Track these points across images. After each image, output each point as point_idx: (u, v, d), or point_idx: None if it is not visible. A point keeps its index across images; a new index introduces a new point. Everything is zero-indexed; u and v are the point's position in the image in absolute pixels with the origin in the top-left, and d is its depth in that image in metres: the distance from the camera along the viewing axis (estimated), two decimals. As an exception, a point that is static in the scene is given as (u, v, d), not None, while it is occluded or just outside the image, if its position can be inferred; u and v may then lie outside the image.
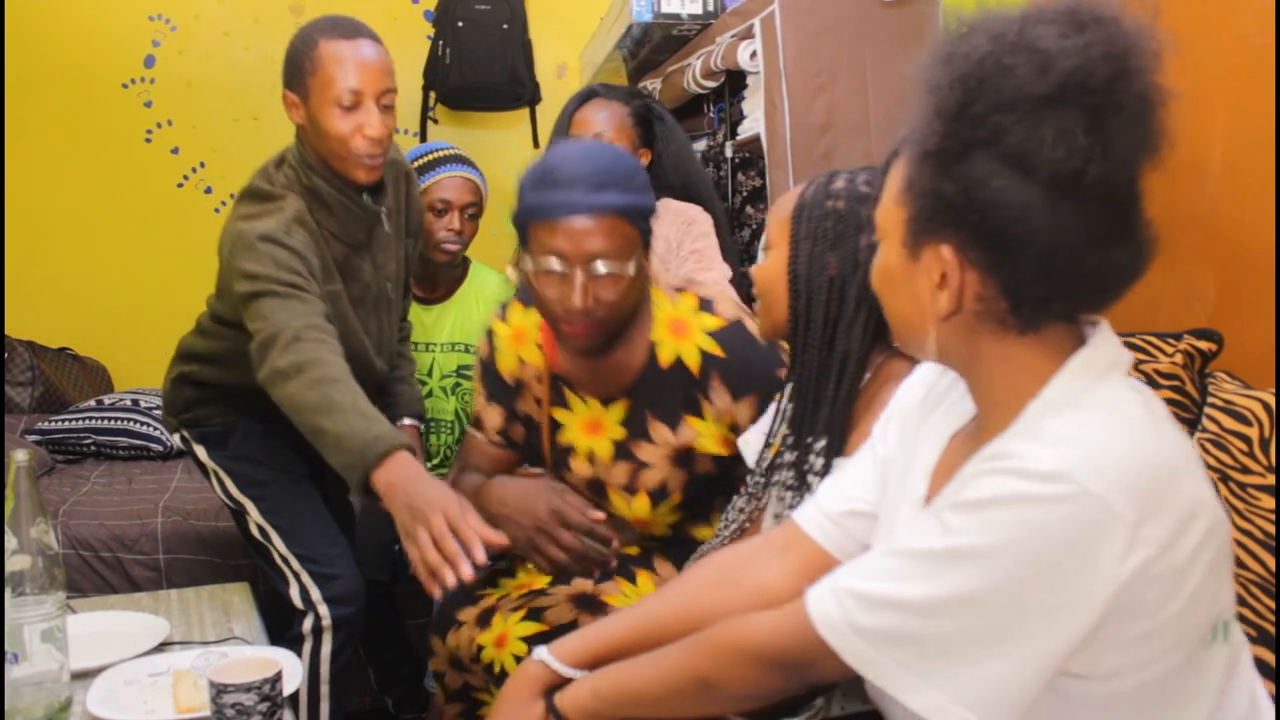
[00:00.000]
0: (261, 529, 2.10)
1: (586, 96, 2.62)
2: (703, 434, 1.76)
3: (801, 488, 1.45)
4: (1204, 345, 1.62)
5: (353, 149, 1.91)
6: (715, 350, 1.73)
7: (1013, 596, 0.90)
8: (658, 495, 1.79)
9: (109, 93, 4.07)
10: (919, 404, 1.22)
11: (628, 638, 1.26)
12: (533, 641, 1.62)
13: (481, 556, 1.47)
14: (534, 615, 1.73)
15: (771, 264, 1.50)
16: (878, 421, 1.27)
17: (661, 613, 1.28)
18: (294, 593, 2.06)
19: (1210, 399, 1.57)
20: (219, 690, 1.31)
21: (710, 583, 1.29)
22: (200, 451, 2.18)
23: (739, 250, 3.19)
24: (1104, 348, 1.00)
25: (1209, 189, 1.79)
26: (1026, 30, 0.91)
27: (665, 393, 1.76)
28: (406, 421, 2.40)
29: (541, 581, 1.82)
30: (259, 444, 2.15)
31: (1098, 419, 0.93)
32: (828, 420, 1.44)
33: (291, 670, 1.55)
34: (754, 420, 1.69)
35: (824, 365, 1.45)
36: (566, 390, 1.83)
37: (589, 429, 1.82)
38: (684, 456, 1.78)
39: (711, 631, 1.12)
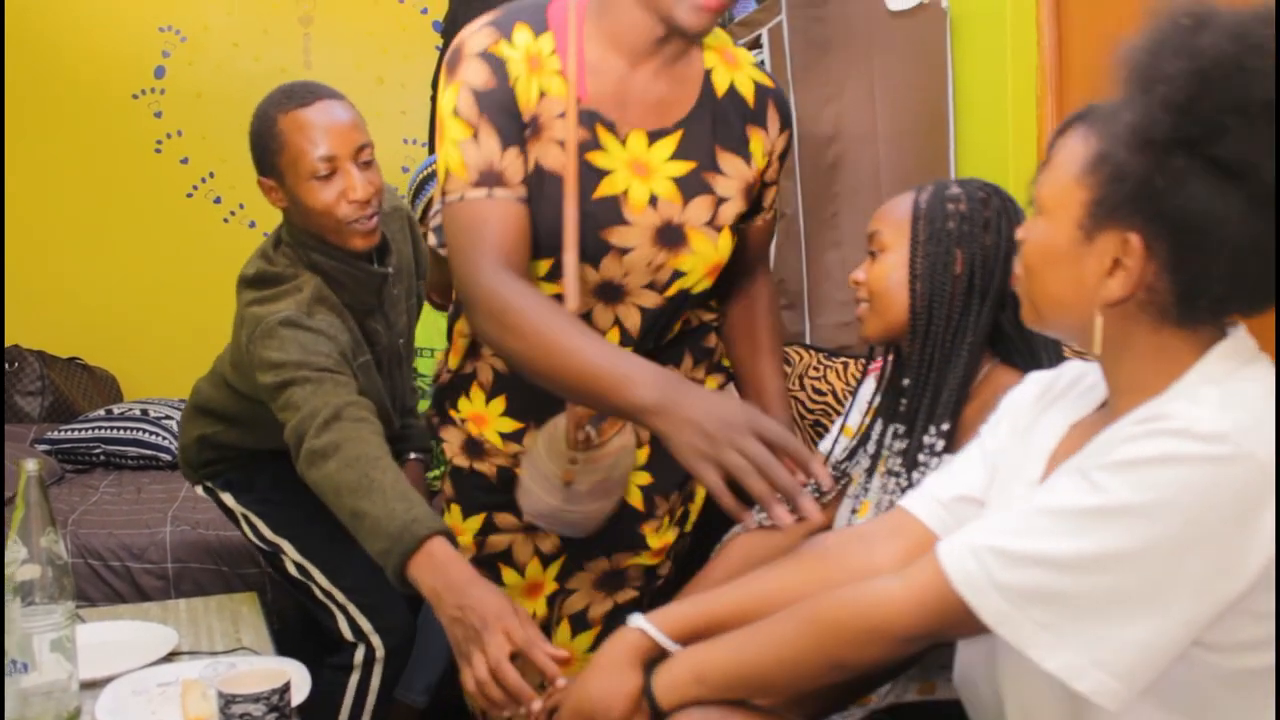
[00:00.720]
0: (301, 567, 2.01)
1: None
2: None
3: (911, 472, 1.46)
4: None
5: (341, 217, 1.77)
6: (765, 81, 1.62)
7: (1168, 558, 0.89)
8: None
9: (119, 103, 4.09)
10: (1034, 402, 1.22)
11: (733, 614, 1.20)
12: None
13: (541, 704, 1.28)
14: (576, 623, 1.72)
15: (886, 266, 1.52)
16: (986, 423, 1.27)
17: (768, 591, 1.22)
18: (343, 626, 1.98)
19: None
20: (227, 701, 1.31)
21: (819, 563, 1.24)
22: (227, 499, 2.09)
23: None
24: (1246, 339, 1.01)
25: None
26: (1267, 37, 0.90)
27: (726, 122, 1.57)
28: (412, 456, 2.38)
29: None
30: (286, 483, 1.87)
31: (1254, 388, 0.94)
32: (946, 406, 1.46)
33: (300, 681, 1.55)
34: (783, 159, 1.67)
35: (946, 358, 1.47)
36: (600, 129, 1.49)
37: (636, 171, 1.51)
38: (755, 195, 1.62)
39: (830, 608, 1.08)
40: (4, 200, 3.82)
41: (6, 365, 3.71)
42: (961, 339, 1.47)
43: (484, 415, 1.66)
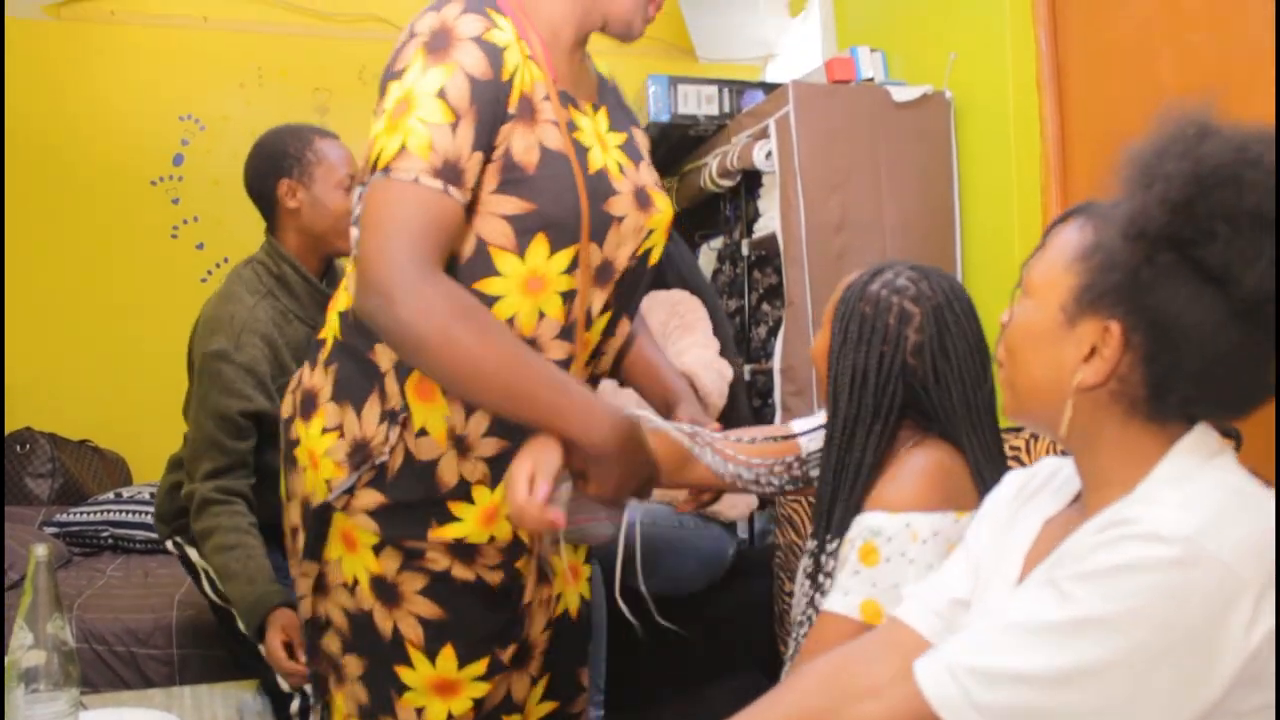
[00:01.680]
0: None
1: None
2: None
3: (816, 581, 1.46)
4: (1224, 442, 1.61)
5: (349, 223, 1.91)
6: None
7: (1141, 667, 0.89)
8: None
9: (138, 189, 4.16)
10: (1011, 499, 1.22)
11: None
12: None
13: None
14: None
15: (817, 343, 1.57)
16: (970, 525, 1.28)
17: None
18: (280, 679, 2.04)
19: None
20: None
21: (821, 688, 1.20)
22: (192, 553, 2.24)
23: (756, 347, 3.21)
24: (1210, 433, 1.02)
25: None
26: (1268, 152, 0.93)
27: (618, 100, 1.64)
28: None
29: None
30: None
31: (1216, 490, 0.94)
32: (839, 523, 1.44)
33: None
34: None
35: (841, 465, 1.46)
36: (572, 108, 1.47)
37: (601, 145, 1.50)
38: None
39: None
40: (3, 279, 3.87)
41: (19, 448, 3.73)
42: (854, 447, 1.46)
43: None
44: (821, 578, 1.45)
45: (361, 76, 4.36)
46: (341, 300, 1.49)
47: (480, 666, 1.49)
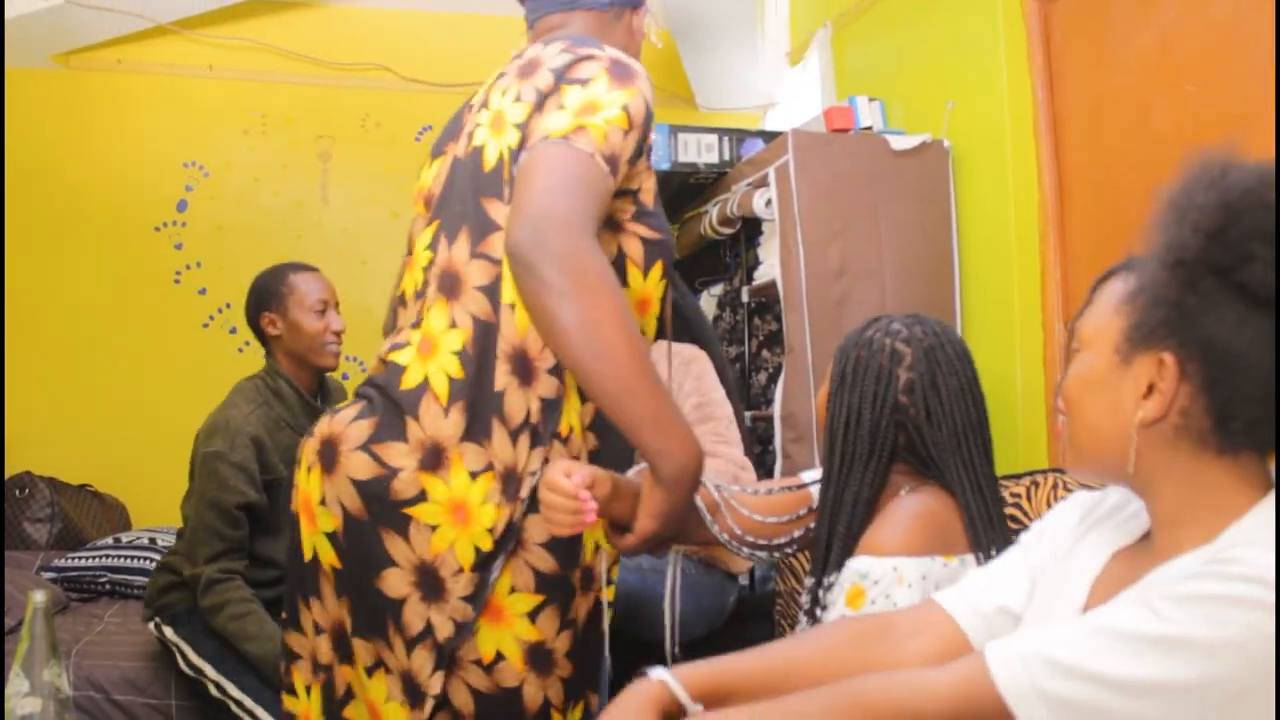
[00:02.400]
0: (219, 685, 2.38)
1: None
2: None
3: (815, 617, 1.50)
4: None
5: (324, 341, 2.57)
6: None
7: (1225, 698, 0.89)
8: None
9: (142, 235, 4.19)
10: (1076, 524, 1.22)
11: (759, 679, 1.18)
12: None
13: None
14: None
15: (821, 395, 1.63)
16: (1029, 531, 1.27)
17: (797, 659, 1.21)
18: None
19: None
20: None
21: (850, 642, 1.23)
22: (169, 632, 2.50)
23: (756, 393, 3.22)
24: None
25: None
26: None
27: None
28: None
29: None
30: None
31: None
32: (838, 557, 1.49)
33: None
34: None
35: (838, 502, 1.51)
36: None
37: None
38: None
39: (866, 692, 1.06)
40: (5, 322, 3.89)
41: (18, 492, 3.72)
42: (849, 485, 1.51)
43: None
44: (819, 612, 1.48)
45: (364, 124, 4.41)
46: (449, 339, 1.44)
47: (579, 710, 1.52)
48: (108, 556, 3.47)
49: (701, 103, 4.41)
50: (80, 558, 3.49)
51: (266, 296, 2.59)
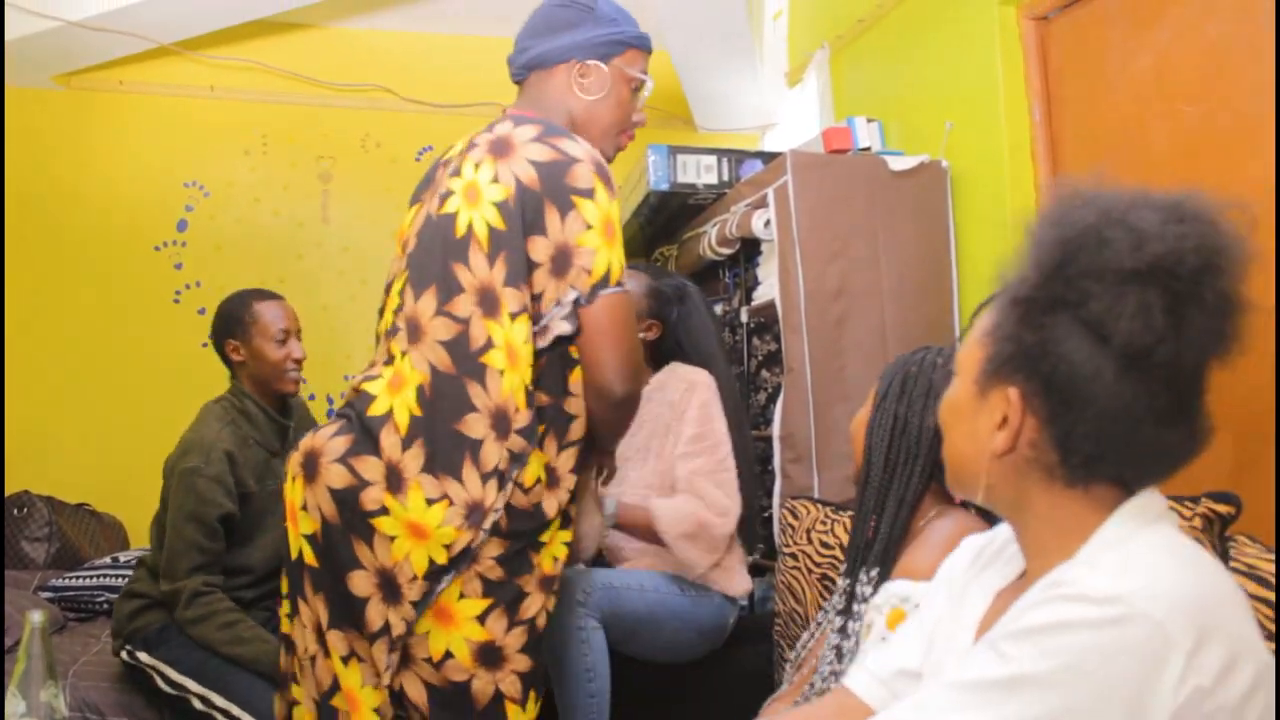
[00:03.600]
0: (204, 699, 2.39)
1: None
2: None
3: (848, 612, 1.59)
4: (1222, 509, 1.61)
5: (285, 369, 2.66)
6: None
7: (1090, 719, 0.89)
8: None
9: (142, 255, 4.19)
10: (968, 565, 1.25)
11: None
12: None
13: None
14: None
15: (858, 415, 1.73)
16: (931, 582, 1.31)
17: None
18: None
19: (1232, 563, 1.55)
20: None
21: None
22: (142, 656, 2.50)
23: (755, 413, 3.21)
24: (1153, 500, 1.03)
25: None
26: (1131, 211, 0.97)
27: None
28: None
29: None
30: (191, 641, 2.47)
31: (1152, 552, 0.96)
32: (879, 553, 1.58)
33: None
34: None
35: (880, 502, 1.61)
36: None
37: None
38: None
39: None
40: (4, 340, 3.89)
41: (16, 511, 3.71)
42: (893, 486, 1.61)
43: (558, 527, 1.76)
44: (858, 605, 1.56)
45: (364, 144, 4.42)
46: (413, 378, 1.67)
47: (536, 703, 1.72)
48: (106, 576, 3.46)
49: (700, 124, 4.43)
50: (78, 577, 3.48)
51: (231, 324, 2.69)
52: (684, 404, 2.51)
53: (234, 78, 4.31)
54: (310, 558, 1.69)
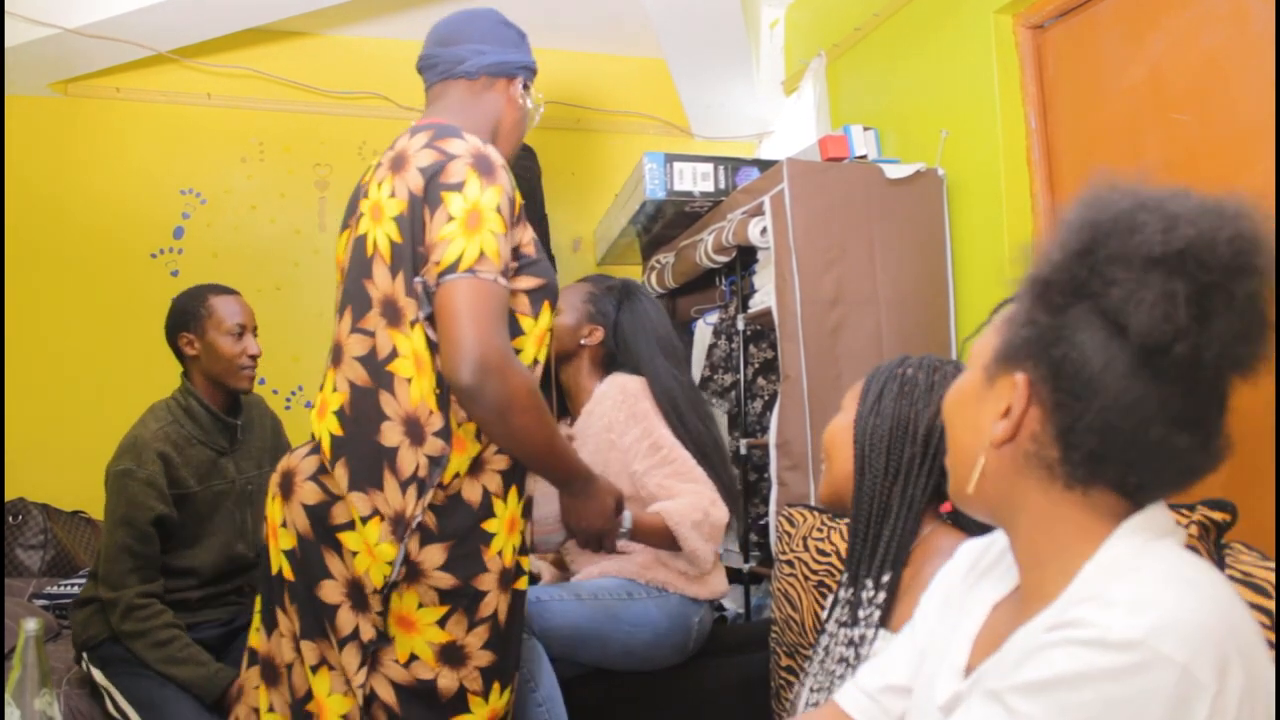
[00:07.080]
0: None
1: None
2: None
3: (854, 623, 1.55)
4: (1218, 516, 1.60)
5: (239, 364, 2.61)
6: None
7: None
8: None
9: (138, 262, 4.18)
10: (964, 576, 1.20)
11: None
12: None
13: None
14: None
15: (837, 421, 1.68)
16: (925, 593, 1.27)
17: None
18: None
19: (1228, 570, 1.55)
20: None
21: None
22: (98, 675, 2.46)
23: (752, 421, 3.21)
24: (1159, 514, 0.97)
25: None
26: (1169, 199, 0.91)
27: None
28: None
29: None
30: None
31: (1166, 583, 0.87)
32: (884, 558, 1.55)
33: None
34: None
35: (883, 508, 1.58)
36: None
37: None
38: None
39: None
40: (2, 348, 3.88)
41: (11, 518, 3.71)
42: (895, 490, 1.57)
43: (516, 516, 1.79)
44: (863, 612, 1.53)
45: (361, 152, 4.42)
46: (333, 401, 1.75)
47: (507, 693, 1.80)
48: (100, 584, 3.45)
49: (697, 132, 4.44)
50: (72, 585, 3.46)
51: (185, 317, 2.64)
52: (618, 415, 2.50)
53: (231, 85, 4.31)
54: (289, 573, 1.76)
